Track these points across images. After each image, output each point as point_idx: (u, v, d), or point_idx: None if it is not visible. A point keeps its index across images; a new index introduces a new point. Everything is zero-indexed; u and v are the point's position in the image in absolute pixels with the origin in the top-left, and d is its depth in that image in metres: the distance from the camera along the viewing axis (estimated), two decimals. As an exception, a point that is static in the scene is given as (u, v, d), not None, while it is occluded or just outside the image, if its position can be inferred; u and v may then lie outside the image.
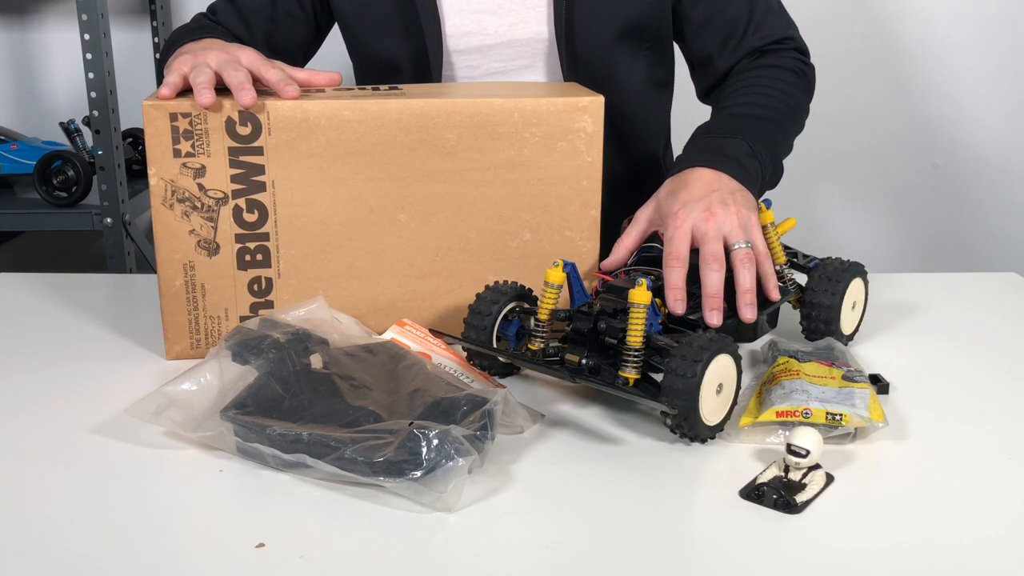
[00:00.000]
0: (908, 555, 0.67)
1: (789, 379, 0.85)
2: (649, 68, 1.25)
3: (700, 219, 0.92)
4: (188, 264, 0.96)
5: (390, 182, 0.97)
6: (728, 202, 0.94)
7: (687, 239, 0.92)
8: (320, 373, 0.83)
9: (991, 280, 1.25)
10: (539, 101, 0.97)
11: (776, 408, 0.82)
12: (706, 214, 0.92)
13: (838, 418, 0.81)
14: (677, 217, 0.93)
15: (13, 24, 2.19)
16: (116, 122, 1.87)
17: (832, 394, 0.83)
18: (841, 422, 0.81)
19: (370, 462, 0.72)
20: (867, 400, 0.82)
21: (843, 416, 0.81)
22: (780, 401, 0.83)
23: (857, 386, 0.84)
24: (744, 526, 0.71)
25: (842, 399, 0.82)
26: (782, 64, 1.17)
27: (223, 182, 0.94)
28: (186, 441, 0.81)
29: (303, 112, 0.94)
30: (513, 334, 0.93)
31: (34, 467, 0.78)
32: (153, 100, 0.92)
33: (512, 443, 0.81)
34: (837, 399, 0.82)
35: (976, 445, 0.83)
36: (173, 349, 0.99)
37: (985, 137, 2.19)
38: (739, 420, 0.83)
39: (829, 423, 0.81)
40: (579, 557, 0.67)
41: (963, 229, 2.26)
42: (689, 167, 1.00)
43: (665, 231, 0.94)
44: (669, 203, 0.96)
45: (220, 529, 0.71)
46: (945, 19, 2.12)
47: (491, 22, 1.19)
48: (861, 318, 1.04)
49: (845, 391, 0.84)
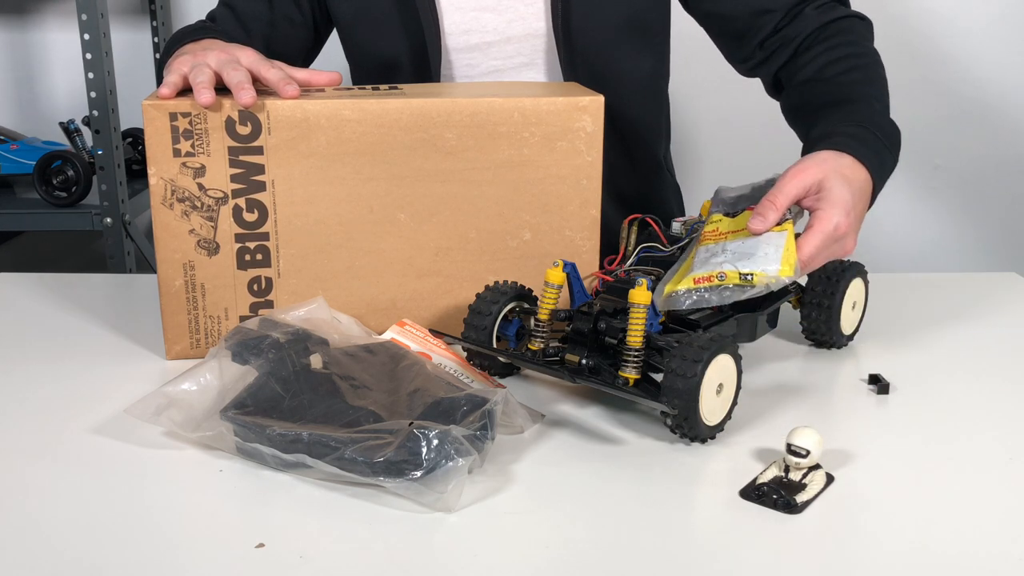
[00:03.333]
0: (908, 555, 0.67)
1: (712, 242, 0.88)
2: (648, 64, 1.25)
3: (836, 248, 0.90)
4: (188, 264, 0.96)
5: (390, 182, 0.97)
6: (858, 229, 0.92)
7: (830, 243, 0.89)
8: (320, 373, 0.83)
9: (991, 280, 1.25)
10: (539, 100, 0.97)
11: (694, 275, 0.85)
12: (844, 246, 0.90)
13: (749, 278, 0.83)
14: (837, 225, 0.89)
15: (13, 24, 2.19)
16: (116, 122, 1.87)
17: (750, 245, 0.85)
18: (752, 281, 0.82)
19: (370, 462, 0.72)
20: (781, 246, 0.84)
21: (753, 275, 0.83)
22: (699, 267, 0.86)
23: (777, 229, 0.86)
24: (744, 526, 0.71)
25: (756, 249, 0.85)
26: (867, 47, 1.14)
27: (223, 182, 0.94)
28: (186, 441, 0.81)
29: (303, 112, 0.94)
30: (513, 334, 0.93)
31: (34, 467, 0.78)
32: (153, 100, 0.92)
33: (512, 443, 0.81)
34: (750, 250, 0.85)
35: (976, 445, 0.83)
36: (173, 349, 0.99)
37: (986, 137, 2.19)
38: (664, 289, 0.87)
39: (742, 283, 0.83)
40: (579, 557, 0.67)
41: (963, 229, 2.26)
42: (859, 160, 0.95)
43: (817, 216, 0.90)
44: (838, 193, 0.90)
45: (220, 529, 0.71)
46: (947, 19, 2.12)
47: (489, 19, 1.19)
48: (861, 318, 1.04)
49: (763, 238, 0.86)
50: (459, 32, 1.20)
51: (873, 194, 0.97)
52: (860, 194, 0.93)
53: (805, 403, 0.90)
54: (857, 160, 0.94)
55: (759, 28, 1.16)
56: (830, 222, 0.88)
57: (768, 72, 1.18)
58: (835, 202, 0.89)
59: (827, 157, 0.94)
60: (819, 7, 1.15)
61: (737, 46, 1.19)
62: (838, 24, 1.14)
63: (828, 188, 0.90)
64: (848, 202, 0.90)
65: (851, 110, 1.03)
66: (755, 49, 1.17)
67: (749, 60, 1.19)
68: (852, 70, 1.10)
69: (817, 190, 0.91)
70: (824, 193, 0.90)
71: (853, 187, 0.92)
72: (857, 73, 1.10)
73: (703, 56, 1.23)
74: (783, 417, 0.87)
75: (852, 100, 1.05)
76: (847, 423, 0.87)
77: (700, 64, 1.29)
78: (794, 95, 1.13)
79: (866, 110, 1.03)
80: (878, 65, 1.12)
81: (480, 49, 1.21)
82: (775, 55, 1.16)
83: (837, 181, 0.91)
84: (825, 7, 1.15)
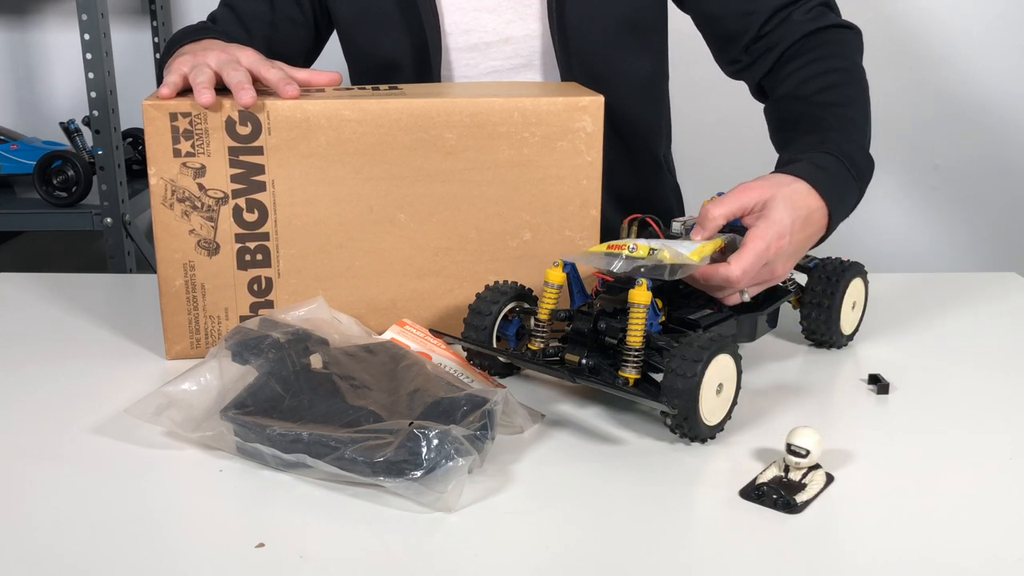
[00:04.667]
0: (908, 555, 0.67)
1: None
2: (646, 64, 1.25)
3: (764, 272, 0.89)
4: (188, 264, 0.96)
5: (390, 182, 0.97)
6: (794, 256, 0.92)
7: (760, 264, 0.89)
8: (320, 373, 0.83)
9: (991, 280, 1.25)
10: (539, 101, 0.97)
11: (608, 243, 0.88)
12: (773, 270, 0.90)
13: (654, 253, 0.85)
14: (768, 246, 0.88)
15: (13, 24, 2.19)
16: (116, 122, 1.87)
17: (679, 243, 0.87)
18: (657, 256, 0.84)
19: (370, 462, 0.72)
20: (704, 244, 0.87)
21: (660, 252, 0.85)
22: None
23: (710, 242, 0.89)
24: (744, 526, 0.71)
25: (681, 245, 0.86)
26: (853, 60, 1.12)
27: (223, 182, 0.94)
28: (186, 441, 0.81)
29: (303, 112, 0.94)
30: (513, 334, 0.93)
31: (34, 467, 0.78)
32: (153, 100, 0.92)
33: (512, 443, 0.81)
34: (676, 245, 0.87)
35: (977, 445, 0.83)
36: (173, 349, 0.99)
37: (985, 137, 2.19)
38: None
39: (647, 257, 0.84)
40: (579, 557, 0.67)
41: (963, 229, 2.26)
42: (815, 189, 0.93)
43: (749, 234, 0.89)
44: (778, 215, 0.89)
45: (220, 529, 0.71)
46: (945, 19, 2.12)
47: (489, 20, 1.19)
48: (861, 318, 1.04)
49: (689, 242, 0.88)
50: (459, 32, 1.20)
51: (831, 225, 0.96)
52: (803, 222, 0.91)
53: (805, 403, 0.90)
54: (813, 188, 0.93)
55: (744, 30, 1.15)
56: (762, 240, 0.87)
57: (752, 78, 1.18)
58: (772, 223, 0.88)
59: (781, 180, 0.93)
60: (807, 12, 1.14)
61: (725, 48, 1.19)
62: (824, 34, 1.13)
63: (769, 209, 0.89)
64: (785, 226, 0.89)
65: (823, 138, 1.01)
66: (741, 53, 1.17)
67: (735, 63, 1.19)
68: (830, 88, 1.08)
69: (761, 209, 0.90)
70: (764, 212, 0.89)
71: (797, 214, 0.90)
72: (835, 93, 1.08)
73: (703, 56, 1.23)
74: (783, 417, 0.87)
75: (825, 127, 1.03)
76: (847, 423, 0.87)
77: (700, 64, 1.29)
78: (773, 109, 1.13)
79: (838, 137, 1.01)
80: (860, 81, 1.10)
81: (479, 49, 1.21)
82: (759, 62, 1.15)
83: (781, 204, 0.90)
84: (813, 13, 1.14)
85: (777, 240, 0.88)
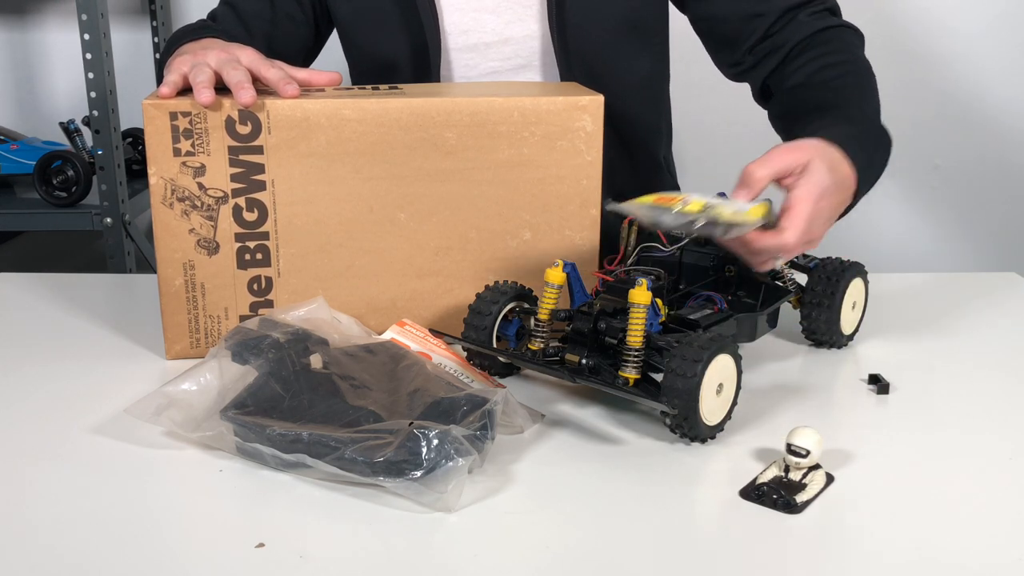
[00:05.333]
0: (908, 555, 0.67)
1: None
2: (646, 65, 1.24)
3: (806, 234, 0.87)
4: (188, 263, 0.96)
5: (390, 181, 0.97)
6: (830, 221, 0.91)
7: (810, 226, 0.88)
8: (320, 373, 0.83)
9: (991, 280, 1.25)
10: (539, 100, 0.97)
11: (659, 194, 0.85)
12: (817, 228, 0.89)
13: (710, 208, 0.82)
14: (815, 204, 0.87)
15: (13, 24, 2.19)
16: (116, 122, 1.87)
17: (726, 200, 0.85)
18: (713, 212, 0.82)
19: (370, 462, 0.72)
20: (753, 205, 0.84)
21: (717, 208, 0.82)
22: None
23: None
24: (744, 526, 0.71)
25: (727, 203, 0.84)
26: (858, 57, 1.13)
27: (223, 181, 0.94)
28: (186, 441, 0.81)
29: (303, 111, 0.94)
30: (513, 334, 0.93)
31: (34, 467, 0.78)
32: (153, 99, 0.92)
33: (512, 443, 0.81)
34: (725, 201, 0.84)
35: (976, 445, 0.83)
36: (173, 349, 0.99)
37: (985, 137, 2.19)
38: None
39: (702, 211, 0.82)
40: (579, 557, 0.67)
41: (963, 229, 2.26)
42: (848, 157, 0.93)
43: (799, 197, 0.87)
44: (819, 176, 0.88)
45: (220, 529, 0.71)
46: (946, 19, 2.12)
47: (488, 20, 1.19)
48: (861, 318, 1.04)
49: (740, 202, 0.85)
50: (459, 32, 1.20)
51: (856, 197, 0.95)
52: (838, 187, 0.90)
53: (805, 403, 0.90)
54: (846, 156, 0.93)
55: (750, 32, 1.15)
56: (809, 202, 0.86)
57: (757, 78, 1.17)
58: (815, 184, 0.87)
59: (816, 143, 0.92)
60: (812, 14, 1.14)
61: (727, 50, 1.19)
62: (828, 33, 1.14)
63: (810, 170, 0.88)
64: (827, 187, 0.88)
65: (844, 114, 1.02)
66: (745, 54, 1.17)
67: (739, 65, 1.18)
68: (844, 75, 1.09)
69: (801, 171, 0.88)
70: (806, 172, 0.88)
71: (834, 176, 0.90)
72: (850, 78, 1.09)
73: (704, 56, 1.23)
74: (783, 417, 0.87)
75: (844, 104, 1.04)
76: (847, 423, 0.87)
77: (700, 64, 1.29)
78: (784, 100, 1.13)
79: (858, 114, 1.02)
80: (869, 73, 1.11)
81: (479, 50, 1.21)
82: (764, 61, 1.15)
83: (822, 164, 0.88)
84: (817, 15, 1.15)
85: (820, 201, 0.87)
